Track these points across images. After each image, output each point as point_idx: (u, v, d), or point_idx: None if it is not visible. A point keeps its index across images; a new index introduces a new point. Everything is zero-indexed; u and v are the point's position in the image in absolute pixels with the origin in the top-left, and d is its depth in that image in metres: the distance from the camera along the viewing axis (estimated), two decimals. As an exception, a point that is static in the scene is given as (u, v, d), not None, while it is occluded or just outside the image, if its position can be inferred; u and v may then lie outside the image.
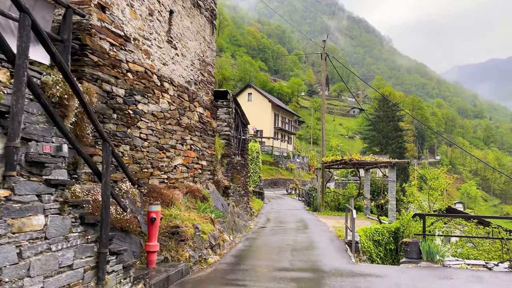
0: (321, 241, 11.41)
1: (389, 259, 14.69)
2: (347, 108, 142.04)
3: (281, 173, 51.08)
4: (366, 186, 19.82)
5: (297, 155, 62.19)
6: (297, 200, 31.91)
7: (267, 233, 12.99)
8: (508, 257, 8.17)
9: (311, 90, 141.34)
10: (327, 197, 22.42)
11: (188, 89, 10.91)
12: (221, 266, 8.11)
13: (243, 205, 16.65)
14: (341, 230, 13.71)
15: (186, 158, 10.64)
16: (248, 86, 60.44)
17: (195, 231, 8.43)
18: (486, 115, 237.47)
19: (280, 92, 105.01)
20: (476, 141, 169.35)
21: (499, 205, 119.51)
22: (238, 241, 11.22)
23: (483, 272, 7.70)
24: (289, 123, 65.00)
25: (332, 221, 16.90)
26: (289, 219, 17.77)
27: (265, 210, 22.20)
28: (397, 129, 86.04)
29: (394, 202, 16.25)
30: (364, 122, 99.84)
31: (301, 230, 13.81)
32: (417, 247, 8.82)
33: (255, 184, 28.06)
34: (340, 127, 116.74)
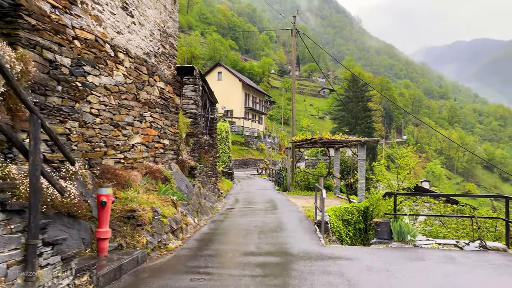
0: (290, 222, 11.01)
1: (358, 239, 14.56)
2: (317, 89, 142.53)
3: (251, 153, 50.68)
4: (335, 165, 19.62)
5: (268, 136, 61.85)
6: (267, 180, 31.62)
7: (234, 215, 12.49)
8: (478, 236, 7.98)
9: (282, 70, 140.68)
10: (297, 177, 22.14)
11: (147, 61, 10.06)
12: (183, 252, 7.53)
13: (211, 186, 16.06)
14: (311, 210, 13.39)
15: (145, 136, 9.87)
16: (218, 65, 59.12)
17: (153, 215, 7.77)
18: (451, 96, 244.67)
19: (251, 71, 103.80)
20: (441, 121, 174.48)
21: (461, 183, 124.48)
22: (204, 224, 10.66)
23: (454, 252, 7.48)
24: (260, 103, 64.36)
25: (302, 201, 16.60)
26: (258, 199, 17.35)
27: (234, 190, 21.72)
28: (366, 109, 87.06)
29: (364, 181, 16.09)
30: (334, 103, 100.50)
31: (270, 211, 13.39)
32: (388, 227, 8.53)
33: (225, 165, 27.48)
34: (311, 108, 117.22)
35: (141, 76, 9.70)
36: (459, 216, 9.61)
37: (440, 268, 6.35)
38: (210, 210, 12.75)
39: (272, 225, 10.53)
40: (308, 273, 6.09)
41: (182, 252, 7.51)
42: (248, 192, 21.04)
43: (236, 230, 9.92)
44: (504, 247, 7.62)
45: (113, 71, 8.43)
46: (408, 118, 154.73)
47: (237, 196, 18.80)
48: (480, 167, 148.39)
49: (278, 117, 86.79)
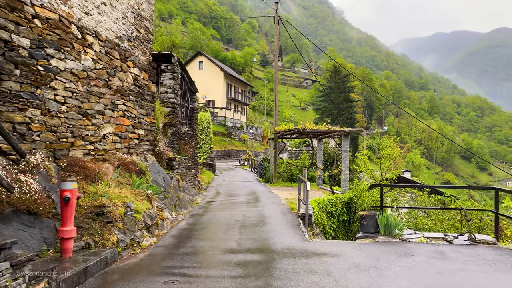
0: (272, 216, 10.57)
1: (342, 231, 14.29)
2: (300, 80, 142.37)
3: (234, 144, 50.11)
4: (319, 156, 19.27)
5: (250, 126, 61.30)
6: (249, 171, 31.16)
7: (215, 208, 11.98)
8: (468, 229, 7.69)
9: (264, 61, 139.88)
10: (280, 168, 21.75)
11: (120, 45, 9.37)
12: (158, 250, 7.00)
13: (190, 178, 15.50)
14: (294, 202, 13.01)
15: (118, 126, 9.23)
16: (199, 54, 58.06)
17: (126, 210, 7.21)
18: (431, 87, 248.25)
19: (233, 61, 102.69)
20: (421, 112, 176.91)
21: (440, 173, 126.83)
22: (182, 218, 10.12)
23: (444, 246, 7.16)
24: (242, 93, 63.65)
25: (285, 193, 16.22)
26: (240, 191, 16.88)
27: (216, 182, 21.19)
28: (348, 100, 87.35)
29: (348, 171, 15.77)
30: (316, 94, 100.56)
31: (252, 204, 12.94)
32: (374, 220, 8.16)
33: (206, 156, 26.89)
34: (293, 99, 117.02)
35: (113, 62, 9.03)
36: (448, 208, 9.33)
37: (431, 265, 6.00)
38: (189, 203, 12.21)
39: (254, 219, 10.07)
40: (292, 272, 5.65)
41: (156, 250, 6.97)
42: (230, 183, 20.54)
43: (216, 224, 9.42)
44: (494, 240, 7.35)
45: (81, 55, 7.75)
46: (389, 109, 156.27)
47: (218, 188, 18.29)
48: (458, 157, 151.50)
49: (261, 108, 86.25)
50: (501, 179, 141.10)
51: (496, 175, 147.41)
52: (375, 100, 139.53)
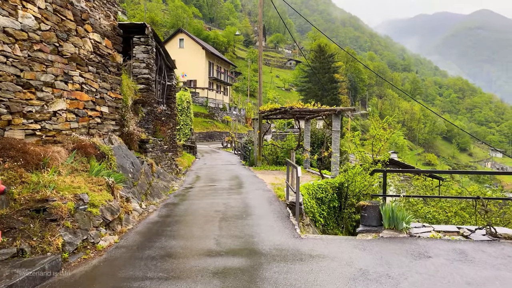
0: (258, 205, 9.31)
1: (332, 218, 13.19)
2: (284, 60, 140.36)
3: (216, 125, 48.57)
4: (306, 138, 18.05)
5: (233, 107, 59.65)
6: (232, 154, 29.86)
7: (193, 196, 10.65)
8: (487, 222, 6.57)
9: (247, 40, 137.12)
10: (265, 151, 20.48)
11: (74, 4, 7.77)
12: (117, 253, 5.66)
13: (167, 162, 14.09)
14: (281, 188, 11.78)
15: (74, 102, 7.73)
16: (180, 31, 55.65)
17: (77, 204, 5.81)
18: (413, 69, 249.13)
19: (216, 41, 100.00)
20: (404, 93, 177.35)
21: (422, 154, 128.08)
22: (153, 209, 8.76)
23: (462, 243, 6.02)
24: (225, 73, 61.69)
25: (270, 177, 14.99)
26: (222, 176, 15.57)
27: (196, 166, 19.81)
28: (333, 81, 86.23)
29: (338, 154, 14.61)
30: (300, 74, 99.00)
31: (235, 190, 11.65)
32: (377, 211, 6.98)
33: (186, 138, 25.40)
34: (277, 79, 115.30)
35: (65, 23, 7.46)
36: (462, 197, 8.26)
37: (455, 271, 4.83)
38: (164, 191, 10.84)
39: (237, 209, 8.79)
40: (285, 285, 4.40)
41: (115, 253, 5.63)
42: (212, 167, 19.20)
43: (192, 216, 8.11)
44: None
45: (18, 11, 6.18)
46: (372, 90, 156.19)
47: (198, 172, 16.93)
48: (440, 138, 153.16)
49: (244, 89, 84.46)
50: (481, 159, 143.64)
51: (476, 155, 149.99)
52: (359, 82, 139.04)
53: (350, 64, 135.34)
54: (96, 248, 5.75)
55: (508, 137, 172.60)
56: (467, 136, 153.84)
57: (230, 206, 9.11)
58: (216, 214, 8.20)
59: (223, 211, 8.51)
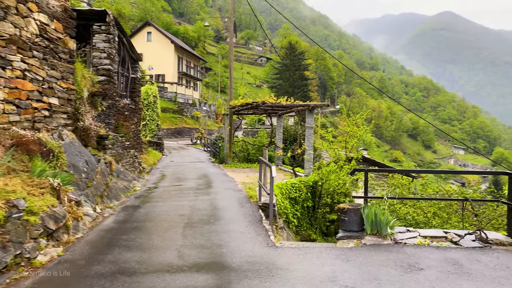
0: (228, 207, 8.52)
1: (306, 218, 12.57)
2: (254, 57, 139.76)
3: (186, 121, 47.31)
4: (278, 134, 17.40)
5: (203, 103, 58.43)
6: (202, 150, 28.87)
7: (156, 197, 9.73)
8: (477, 227, 6.07)
9: (218, 36, 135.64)
10: (236, 147, 19.68)
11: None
12: (58, 269, 4.73)
13: (129, 160, 13.05)
14: (252, 188, 11.04)
15: (13, 91, 6.66)
16: (147, 24, 53.86)
17: (9, 212, 4.84)
18: (381, 67, 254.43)
19: (186, 36, 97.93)
20: (372, 91, 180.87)
21: (389, 151, 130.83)
22: (110, 213, 7.81)
23: (453, 251, 5.46)
24: (195, 68, 60.30)
25: (241, 176, 14.22)
26: (190, 174, 14.66)
27: (163, 163, 18.77)
28: (303, 78, 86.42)
29: (312, 151, 14.01)
30: (271, 71, 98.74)
31: (203, 190, 10.81)
32: (358, 215, 6.34)
33: (153, 134, 24.24)
34: (248, 76, 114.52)
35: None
36: (449, 199, 7.75)
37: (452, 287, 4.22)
38: (123, 192, 9.86)
39: (205, 212, 7.97)
40: (259, 311, 3.64)
41: (56, 270, 4.70)
42: (179, 165, 18.21)
43: (153, 222, 7.22)
44: (510, 240, 5.76)
45: None
46: (341, 88, 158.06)
47: (164, 170, 15.93)
48: (406, 135, 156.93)
49: (215, 85, 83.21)
50: (444, 156, 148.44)
51: (440, 152, 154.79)
52: (328, 79, 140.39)
53: (320, 62, 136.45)
54: (32, 264, 4.80)
55: (469, 135, 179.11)
56: (432, 133, 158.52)
57: (197, 209, 8.28)
58: (180, 219, 7.35)
59: (188, 215, 7.67)
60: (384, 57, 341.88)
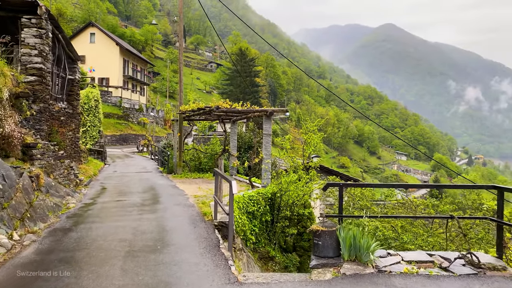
0: (178, 227, 7.32)
1: (264, 233, 11.58)
2: (204, 62, 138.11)
3: (131, 128, 44.91)
4: (232, 142, 16.35)
5: (151, 109, 56.04)
6: (149, 159, 27.14)
7: (93, 217, 8.30)
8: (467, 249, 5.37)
9: (167, 41, 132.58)
10: (186, 156, 18.35)
11: None
12: None
13: (63, 172, 11.38)
14: (206, 203, 9.89)
15: None
16: (91, 25, 50.85)
17: None
18: (328, 76, 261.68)
19: (132, 39, 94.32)
20: (319, 99, 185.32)
21: (337, 157, 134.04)
22: (32, 240, 6.34)
23: (448, 282, 4.67)
24: (142, 72, 57.81)
25: (193, 187, 12.99)
26: (135, 187, 13.19)
27: (104, 174, 17.03)
28: (254, 85, 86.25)
29: (270, 160, 13.09)
30: (222, 77, 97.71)
31: (149, 207, 9.49)
32: (334, 238, 5.42)
33: (94, 141, 22.26)
34: (198, 82, 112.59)
35: None
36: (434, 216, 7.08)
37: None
38: (53, 210, 8.32)
39: (151, 235, 6.72)
40: None
41: None
42: (123, 176, 16.59)
43: (87, 251, 5.88)
44: (502, 264, 5.10)
45: None
46: (290, 95, 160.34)
47: (105, 182, 14.29)
48: (352, 142, 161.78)
49: (163, 90, 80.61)
50: (388, 162, 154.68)
51: (384, 158, 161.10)
52: (278, 87, 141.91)
53: (270, 69, 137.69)
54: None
55: (411, 141, 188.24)
56: (376, 140, 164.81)
57: (141, 231, 7.00)
58: (120, 246, 6.06)
59: (130, 241, 6.39)
60: (331, 66, 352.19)
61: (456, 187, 7.34)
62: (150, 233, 6.88)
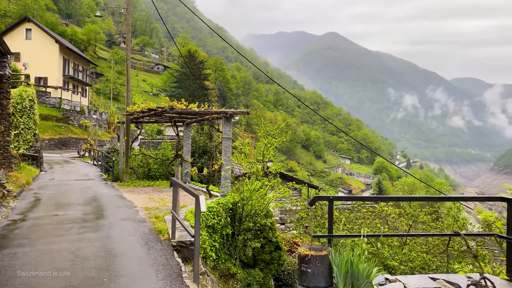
0: (128, 251, 6.04)
1: (224, 248, 10.45)
2: (151, 64, 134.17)
3: (72, 131, 41.79)
4: (186, 146, 15.05)
5: (94, 111, 52.70)
6: (91, 165, 24.96)
7: (20, 238, 6.76)
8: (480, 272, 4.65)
9: (111, 41, 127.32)
10: (133, 162, 16.75)
11: None
12: None
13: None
14: (160, 216, 8.62)
15: None
16: (26, 20, 46.82)
17: None
18: (275, 81, 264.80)
19: (74, 38, 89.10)
20: (268, 104, 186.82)
21: (285, 161, 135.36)
22: None
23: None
24: (84, 72, 54.28)
25: (143, 198, 11.59)
26: (75, 198, 11.51)
27: (39, 183, 15.02)
28: (203, 88, 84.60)
29: (230, 167, 12.00)
30: (170, 79, 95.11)
31: (92, 222, 8.05)
32: (325, 264, 4.48)
33: (28, 145, 19.87)
34: (144, 84, 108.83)
35: None
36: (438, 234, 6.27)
37: None
38: (-33, 232, 6.67)
39: (94, 263, 5.40)
40: None
41: None
42: (61, 184, 14.69)
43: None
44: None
45: None
46: (239, 100, 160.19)
47: (40, 193, 12.43)
48: (299, 146, 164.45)
49: (107, 92, 76.68)
50: (333, 165, 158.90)
51: (329, 162, 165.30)
52: (227, 91, 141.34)
53: (219, 73, 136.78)
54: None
55: (354, 146, 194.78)
56: (322, 144, 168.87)
57: (83, 257, 5.65)
58: (55, 280, 4.72)
59: (68, 269, 5.06)
60: (279, 72, 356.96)
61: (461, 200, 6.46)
62: (93, 259, 5.55)
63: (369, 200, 9.21)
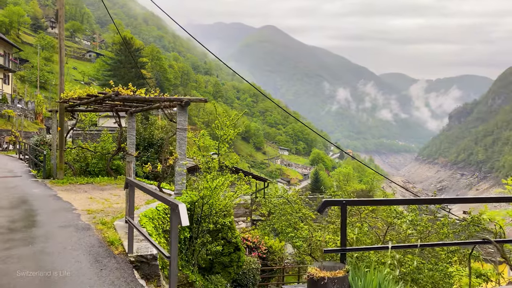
0: (74, 275, 4.66)
1: (182, 254, 9.24)
2: (82, 51, 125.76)
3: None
4: (130, 138, 13.45)
5: (18, 100, 47.73)
6: (17, 159, 22.15)
7: None
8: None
9: (37, 25, 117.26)
10: (69, 156, 14.75)
11: None
12: None
13: None
14: (108, 221, 7.21)
15: None
16: None
17: None
18: (214, 73, 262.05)
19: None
20: (207, 95, 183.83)
21: (226, 153, 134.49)
22: None
23: None
24: (6, 56, 48.83)
25: (82, 198, 9.95)
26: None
27: (-50, 182, 12.62)
28: (140, 77, 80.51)
29: (185, 161, 10.71)
30: (103, 67, 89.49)
31: (21, 233, 6.45)
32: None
33: None
34: (75, 72, 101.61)
35: None
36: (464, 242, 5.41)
37: None
38: None
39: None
40: None
41: None
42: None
43: None
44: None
45: None
46: (177, 90, 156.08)
47: (-49, 195, 10.28)
48: (240, 138, 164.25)
49: (33, 79, 70.21)
50: (272, 157, 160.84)
51: (269, 153, 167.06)
52: (165, 81, 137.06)
53: (156, 62, 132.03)
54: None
55: (292, 138, 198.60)
56: (262, 136, 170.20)
57: (11, 286, 4.21)
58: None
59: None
60: (217, 63, 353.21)
61: (492, 201, 5.57)
62: (26, 287, 4.15)
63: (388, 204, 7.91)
